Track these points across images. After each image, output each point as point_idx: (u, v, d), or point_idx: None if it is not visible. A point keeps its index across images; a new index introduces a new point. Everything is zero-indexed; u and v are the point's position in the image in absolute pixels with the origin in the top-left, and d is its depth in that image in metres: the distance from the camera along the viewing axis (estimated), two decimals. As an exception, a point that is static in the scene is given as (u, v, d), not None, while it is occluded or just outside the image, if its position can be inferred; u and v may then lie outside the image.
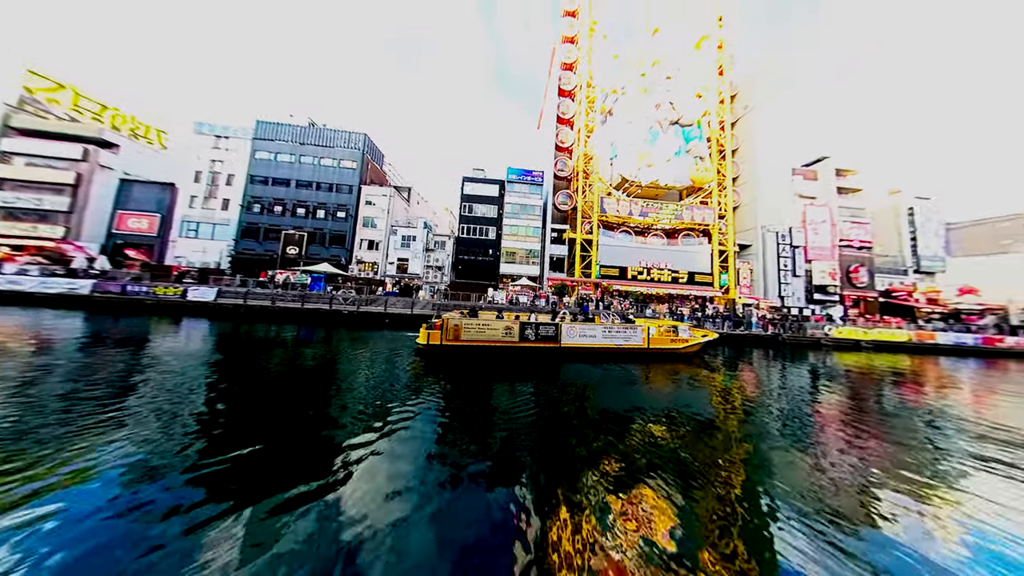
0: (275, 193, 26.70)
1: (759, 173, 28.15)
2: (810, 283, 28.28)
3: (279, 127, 27.61)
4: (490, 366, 9.18)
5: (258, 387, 6.78)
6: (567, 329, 10.93)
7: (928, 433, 5.83)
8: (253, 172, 26.69)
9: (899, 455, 4.76)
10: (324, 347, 11.25)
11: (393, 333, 15.39)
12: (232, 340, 11.83)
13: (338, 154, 27.35)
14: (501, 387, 7.70)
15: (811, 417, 6.44)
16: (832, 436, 5.47)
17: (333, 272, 23.83)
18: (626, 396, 7.41)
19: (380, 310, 19.78)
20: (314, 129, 28.00)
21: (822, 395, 8.36)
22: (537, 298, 24.93)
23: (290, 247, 25.81)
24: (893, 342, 23.00)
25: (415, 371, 8.37)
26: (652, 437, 4.95)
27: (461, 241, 27.22)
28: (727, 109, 28.61)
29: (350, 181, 27.14)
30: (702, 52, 29.08)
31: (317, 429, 4.76)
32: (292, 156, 27.14)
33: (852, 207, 29.48)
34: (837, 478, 4.04)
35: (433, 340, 9.74)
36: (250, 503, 2.98)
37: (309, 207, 26.73)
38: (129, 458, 3.61)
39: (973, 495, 3.79)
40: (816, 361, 15.30)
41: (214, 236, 25.90)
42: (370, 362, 9.34)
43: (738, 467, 4.32)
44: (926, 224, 29.70)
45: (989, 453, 4.99)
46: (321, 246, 26.47)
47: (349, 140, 27.93)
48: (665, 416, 6.00)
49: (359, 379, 7.58)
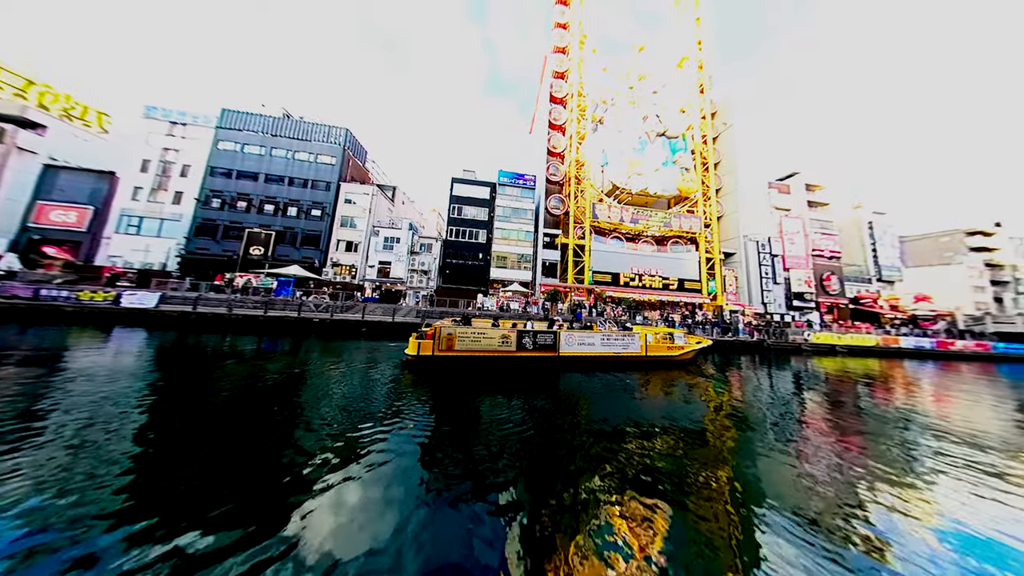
0: (240, 187, 23.95)
1: (740, 185, 29.44)
2: (789, 290, 29.46)
3: (248, 117, 25.16)
4: (486, 378, 8.48)
5: (203, 409, 5.69)
6: (565, 337, 10.44)
7: (901, 435, 6.08)
8: (215, 163, 23.87)
9: (878, 459, 4.94)
10: (289, 360, 9.87)
11: (372, 343, 13.77)
12: (175, 353, 10.15)
13: (315, 148, 25.26)
14: (498, 402, 6.90)
15: (807, 426, 6.42)
16: (826, 444, 5.48)
17: (304, 275, 21.34)
18: (630, 409, 6.85)
19: (357, 318, 17.66)
20: (290, 121, 25.82)
21: (812, 402, 8.34)
22: (529, 304, 23.77)
23: (254, 247, 22.98)
24: (863, 346, 24.26)
25: (404, 385, 7.50)
26: (667, 461, 4.57)
27: (449, 244, 25.71)
28: (708, 125, 29.99)
29: (328, 177, 25.03)
30: (684, 71, 30.59)
31: (274, 460, 4.03)
32: (262, 148, 24.68)
33: (822, 219, 31.50)
34: (834, 490, 4.04)
35: (424, 351, 9.01)
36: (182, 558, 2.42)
37: (279, 204, 24.17)
38: (23, 505, 2.91)
39: (940, 490, 4.05)
40: (799, 366, 15.43)
41: (161, 233, 22.53)
42: (344, 376, 8.12)
43: (744, 485, 4.12)
44: (883, 236, 32.31)
45: (950, 451, 5.36)
46: (291, 246, 23.85)
47: (329, 134, 25.98)
48: (676, 433, 5.61)
49: (330, 397, 6.50)
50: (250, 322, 16.01)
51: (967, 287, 32.96)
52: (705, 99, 30.24)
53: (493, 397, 7.30)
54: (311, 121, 26.06)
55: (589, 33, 28.64)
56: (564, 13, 28.31)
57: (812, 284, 29.75)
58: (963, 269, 33.23)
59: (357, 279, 23.78)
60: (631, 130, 29.07)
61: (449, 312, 20.17)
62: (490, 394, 7.49)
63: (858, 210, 32.72)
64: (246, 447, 4.33)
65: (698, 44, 30.61)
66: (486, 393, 7.53)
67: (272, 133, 25.23)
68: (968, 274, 33.30)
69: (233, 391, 6.77)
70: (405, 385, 7.53)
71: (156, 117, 23.76)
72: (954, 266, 33.30)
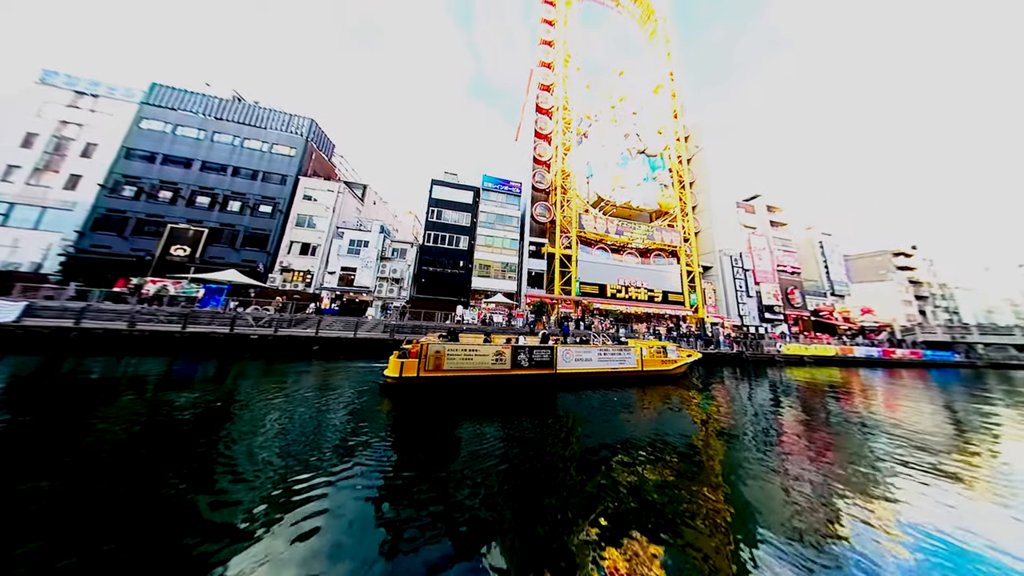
0: (166, 174, 19.68)
1: (713, 204, 30.99)
2: (761, 303, 30.76)
3: (187, 95, 21.38)
4: (479, 401, 7.58)
5: (74, 462, 3.97)
6: (562, 353, 9.82)
7: (869, 444, 6.41)
8: (134, 145, 19.51)
9: (853, 470, 5.10)
10: (212, 388, 7.67)
11: (328, 364, 11.07)
12: (41, 384, 7.44)
13: (272, 137, 21.95)
14: (499, 435, 5.75)
15: (798, 443, 6.41)
16: (810, 461, 5.53)
17: (242, 282, 17.39)
18: (638, 436, 6.16)
19: (309, 333, 14.32)
20: (241, 105, 22.39)
21: (794, 416, 8.66)
22: (514, 317, 21.73)
23: (177, 246, 18.55)
24: (826, 356, 25.67)
25: (382, 415, 6.28)
26: (686, 509, 3.83)
27: (427, 250, 23.17)
28: (683, 146, 31.72)
29: (285, 170, 21.67)
30: (659, 97, 32.54)
31: (169, 539, 2.80)
32: (202, 132, 20.85)
33: (782, 238, 34.07)
34: (821, 508, 3.98)
35: (408, 372, 7.92)
36: None
37: (218, 196, 20.16)
38: None
39: (904, 495, 4.28)
40: (775, 377, 15.75)
41: (40, 225, 17.34)
42: (289, 407, 6.36)
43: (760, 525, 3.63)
44: (832, 255, 35.72)
45: (906, 457, 5.76)
46: (229, 247, 19.72)
47: (289, 123, 22.90)
48: (690, 466, 5.05)
49: (265, 438, 4.93)
50: (161, 340, 12.07)
51: (898, 301, 37.20)
52: (679, 123, 32.18)
53: (491, 424, 6.28)
54: (269, 107, 22.87)
55: (573, 53, 29.46)
56: (549, 32, 28.97)
57: (779, 297, 31.43)
58: (893, 285, 37.63)
59: (312, 287, 20.10)
60: (614, 145, 29.67)
61: (423, 327, 17.41)
62: (487, 420, 6.54)
63: (810, 231, 36.08)
64: (123, 522, 3.04)
65: (670, 75, 32.96)
66: (483, 418, 6.58)
67: (217, 116, 21.57)
68: (897, 289, 37.74)
69: (119, 438, 4.78)
70: (382, 415, 6.30)
71: (55, 84, 19.13)
72: (887, 282, 37.61)
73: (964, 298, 41.04)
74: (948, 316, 39.43)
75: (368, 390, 7.81)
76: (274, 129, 22.44)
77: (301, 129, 22.92)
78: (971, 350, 32.12)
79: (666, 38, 33.67)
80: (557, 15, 29.14)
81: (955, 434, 7.47)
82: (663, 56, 33.09)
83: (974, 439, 7.09)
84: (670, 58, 33.19)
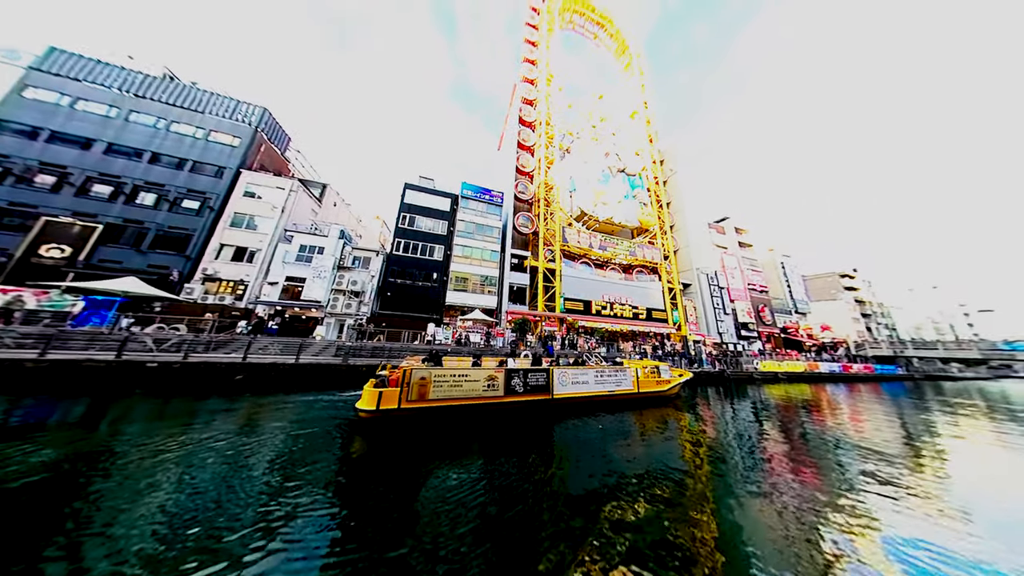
0: (51, 155, 15.45)
1: (688, 224, 31.87)
2: (737, 321, 31.30)
3: (98, 66, 17.64)
4: (470, 435, 6.62)
5: None
6: (559, 376, 9.14)
7: (840, 459, 6.70)
8: (7, 116, 15.23)
9: (828, 485, 5.31)
10: (71, 439, 5.33)
11: (260, 399, 8.48)
12: None
13: (210, 123, 18.59)
14: (492, 479, 4.64)
15: (788, 465, 6.39)
16: (795, 482, 5.46)
17: (142, 293, 13.40)
18: (644, 465, 5.66)
19: (234, 359, 10.92)
20: (173, 84, 18.96)
21: (779, 435, 8.72)
22: (493, 336, 19.36)
23: (51, 245, 14.13)
24: (797, 372, 26.24)
25: (352, 458, 5.16)
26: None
27: (395, 260, 20.39)
28: (659, 169, 32.81)
29: (222, 161, 18.23)
30: (636, 122, 33.91)
31: None
32: (114, 109, 17.04)
33: (750, 258, 35.80)
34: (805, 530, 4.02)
35: (387, 403, 6.82)
36: None
37: (124, 186, 16.14)
38: None
39: (873, 507, 4.58)
40: (755, 396, 16.04)
41: None
42: (189, 463, 4.59)
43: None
44: (792, 274, 38.15)
45: (868, 466, 6.22)
46: (132, 249, 15.55)
47: (236, 110, 19.73)
48: (703, 501, 4.52)
49: (148, 506, 3.52)
50: (4, 373, 8.28)
51: (849, 318, 40.29)
52: (654, 148, 33.53)
53: (475, 466, 5.17)
54: (211, 91, 19.62)
55: (556, 74, 29.88)
56: (532, 52, 29.31)
57: (752, 315, 32.31)
58: (843, 304, 40.88)
59: (244, 301, 16.29)
60: (596, 162, 29.79)
61: (387, 349, 14.46)
62: (473, 459, 5.45)
63: (772, 252, 38.52)
64: None
65: (644, 104, 34.73)
66: (467, 459, 5.48)
67: (139, 94, 17.91)
68: (847, 308, 41.01)
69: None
70: (328, 463, 4.94)
71: None
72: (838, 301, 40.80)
73: (898, 316, 45.73)
74: (889, 332, 43.45)
75: (309, 433, 6.07)
76: (215, 115, 19.14)
77: (250, 118, 19.83)
78: (909, 363, 35.07)
79: (640, 71, 35.82)
80: (540, 38, 29.68)
81: (906, 443, 8.16)
82: (638, 87, 34.98)
83: (923, 449, 7.73)
84: (644, 89, 35.14)
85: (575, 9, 35.21)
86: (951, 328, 49.26)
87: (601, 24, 36.85)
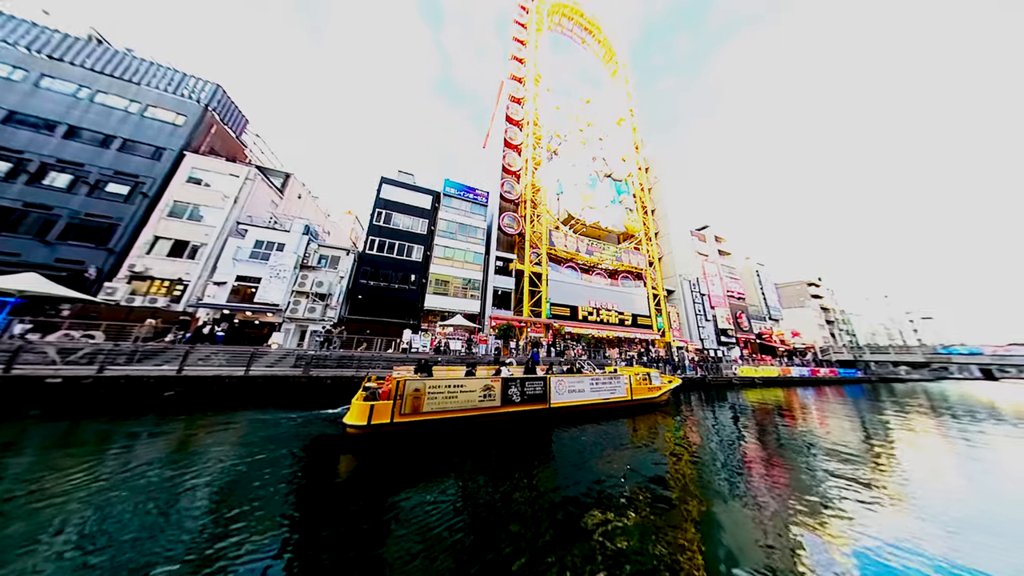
0: (-75, 121, 12.43)
1: (672, 231, 32.24)
2: (717, 327, 31.90)
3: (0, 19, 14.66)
4: (466, 448, 6.14)
5: None
6: (556, 385, 9.03)
7: (812, 462, 6.92)
8: None
9: (800, 488, 5.41)
10: None
11: (197, 418, 7.19)
12: None
13: (148, 97, 16.00)
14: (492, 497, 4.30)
15: (791, 471, 6.38)
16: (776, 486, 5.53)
17: (48, 293, 10.88)
18: (646, 472, 5.45)
19: (167, 371, 8.97)
20: (101, 48, 16.21)
21: (760, 441, 8.82)
22: (475, 343, 18.03)
23: (-86, 231, 11.19)
24: (772, 377, 27.04)
25: (340, 481, 4.66)
26: None
27: (367, 260, 18.55)
28: (644, 176, 33.05)
29: (162, 141, 15.70)
30: (622, 128, 34.07)
31: None
32: (19, 72, 14.16)
33: (728, 266, 36.87)
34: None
35: (379, 417, 6.31)
36: None
37: (26, 163, 13.31)
38: None
39: (842, 506, 4.77)
40: (734, 400, 16.41)
41: None
42: (98, 504, 3.62)
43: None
44: (766, 283, 39.76)
45: (834, 466, 6.57)
46: (36, 239, 12.78)
47: (180, 83, 17.22)
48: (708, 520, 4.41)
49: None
50: None
51: (815, 325, 42.60)
52: (640, 155, 33.78)
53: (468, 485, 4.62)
54: (151, 60, 16.99)
55: (544, 74, 29.31)
56: (521, 50, 28.62)
57: (731, 321, 33.11)
58: (810, 311, 43.21)
59: (183, 304, 13.87)
60: (584, 165, 29.40)
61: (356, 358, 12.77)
62: (466, 479, 4.85)
63: (748, 260, 40.03)
64: None
65: (630, 111, 35.03)
66: (457, 478, 4.86)
67: (53, 55, 15.08)
68: (813, 315, 43.38)
69: None
70: (341, 480, 4.54)
71: None
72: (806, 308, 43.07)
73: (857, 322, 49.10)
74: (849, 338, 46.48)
75: (266, 460, 5.06)
76: (155, 88, 16.56)
77: (199, 94, 17.38)
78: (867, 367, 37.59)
79: (626, 79, 36.19)
80: (528, 37, 29.06)
81: (865, 442, 8.75)
82: (624, 94, 35.26)
83: (880, 447, 8.29)
84: (630, 96, 35.49)
85: (564, 13, 35.08)
86: (900, 334, 53.92)
87: (589, 30, 36.98)
